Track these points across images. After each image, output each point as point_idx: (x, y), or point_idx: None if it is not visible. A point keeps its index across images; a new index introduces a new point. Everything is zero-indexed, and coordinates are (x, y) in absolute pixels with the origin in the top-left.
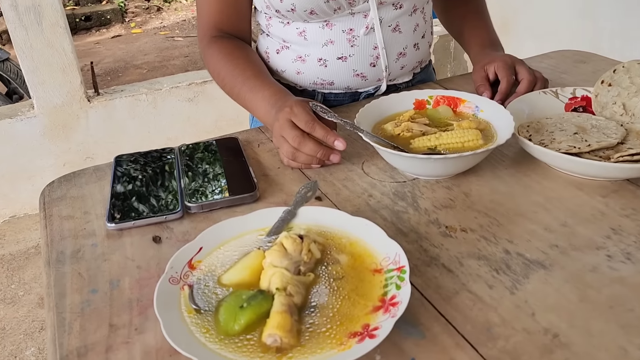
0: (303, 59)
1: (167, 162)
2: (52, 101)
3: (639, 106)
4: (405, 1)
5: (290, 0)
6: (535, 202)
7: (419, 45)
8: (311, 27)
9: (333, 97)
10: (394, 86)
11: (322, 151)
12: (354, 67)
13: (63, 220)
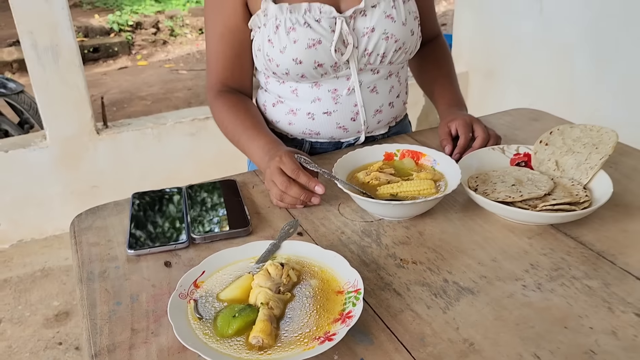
0: (294, 112)
1: (176, 200)
2: (63, 133)
3: (568, 163)
4: (381, 67)
5: (285, 66)
6: (475, 241)
7: (393, 103)
8: (302, 87)
9: (319, 145)
10: (372, 137)
11: (305, 194)
12: (337, 121)
13: (91, 246)
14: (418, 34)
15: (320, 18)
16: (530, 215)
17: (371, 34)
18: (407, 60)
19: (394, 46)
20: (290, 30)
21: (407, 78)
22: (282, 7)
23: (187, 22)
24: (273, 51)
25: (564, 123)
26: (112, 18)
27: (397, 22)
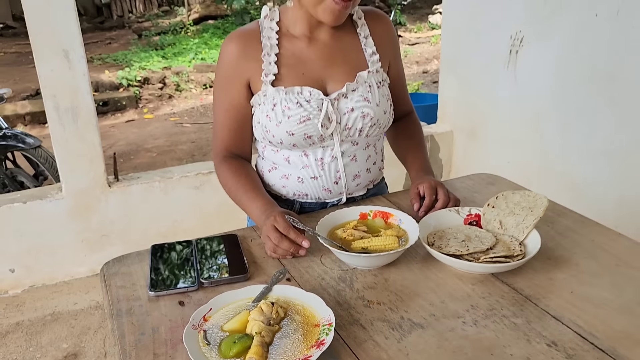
0: (287, 177)
1: (187, 251)
2: (78, 186)
3: (509, 223)
4: (360, 140)
5: (280, 137)
6: (429, 287)
7: (370, 169)
8: (293, 155)
9: (307, 205)
10: (353, 198)
11: (294, 248)
12: (323, 184)
13: (118, 289)
14: (390, 113)
15: (310, 99)
16: (473, 266)
17: (351, 113)
18: (382, 133)
19: (370, 122)
20: (285, 108)
21: (383, 148)
22: (279, 89)
23: (192, 77)
24: (270, 124)
25: (516, 187)
26: (122, 74)
27: (372, 104)
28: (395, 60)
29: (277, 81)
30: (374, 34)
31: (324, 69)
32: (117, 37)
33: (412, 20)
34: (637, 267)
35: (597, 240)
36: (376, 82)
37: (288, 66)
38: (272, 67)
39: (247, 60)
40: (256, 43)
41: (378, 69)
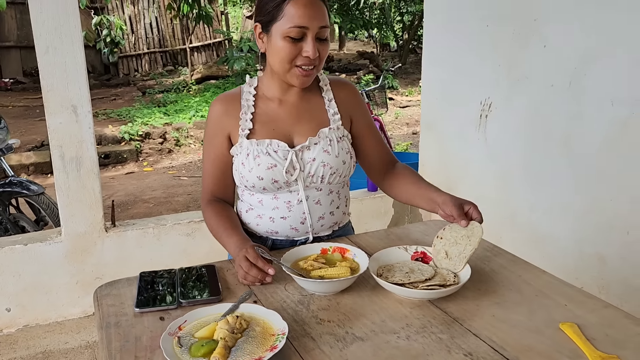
0: (260, 217)
1: (171, 276)
2: (77, 230)
3: (454, 252)
4: (323, 186)
5: (252, 181)
6: (373, 309)
7: (334, 212)
8: (266, 198)
9: (279, 242)
10: (319, 237)
11: (261, 275)
12: (291, 224)
13: (109, 306)
14: (350, 164)
15: (277, 150)
16: (411, 292)
17: (313, 162)
18: (345, 182)
19: (330, 171)
20: (256, 157)
21: (348, 195)
22: (252, 141)
23: (191, 133)
24: (244, 170)
25: None
26: (124, 129)
27: (331, 155)
28: (362, 119)
29: (252, 135)
30: (337, 98)
31: (292, 126)
32: (122, 93)
33: (404, 84)
34: (552, 298)
35: (523, 276)
36: (336, 137)
37: (261, 123)
38: (248, 123)
39: (229, 118)
40: (237, 104)
41: (339, 126)
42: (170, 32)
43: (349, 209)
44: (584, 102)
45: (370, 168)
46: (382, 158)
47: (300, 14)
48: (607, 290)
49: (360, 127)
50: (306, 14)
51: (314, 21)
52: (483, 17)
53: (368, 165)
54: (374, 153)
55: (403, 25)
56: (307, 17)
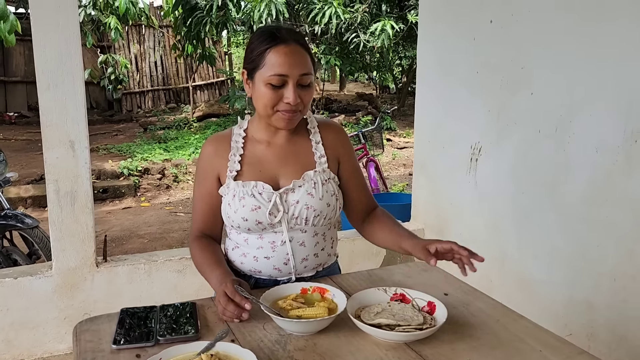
0: (245, 255)
1: (152, 314)
2: (68, 264)
3: None
4: (307, 228)
5: (237, 222)
6: (350, 351)
7: (318, 254)
8: (251, 238)
9: (262, 281)
10: (302, 278)
11: (237, 311)
12: (274, 264)
13: (86, 342)
14: (335, 207)
15: (262, 192)
16: (386, 334)
17: (296, 205)
18: (331, 224)
19: (314, 213)
20: (241, 198)
21: (334, 237)
22: (238, 183)
23: (190, 170)
24: (230, 211)
25: (447, 276)
26: (124, 164)
27: (315, 198)
28: (348, 162)
29: (239, 176)
30: (324, 140)
31: (278, 168)
32: (124, 129)
33: (402, 126)
34: (528, 343)
35: (501, 321)
36: (321, 180)
37: (249, 164)
38: (236, 164)
39: (218, 159)
40: (227, 145)
41: (325, 169)
42: (174, 71)
43: (336, 250)
44: (569, 149)
45: (351, 212)
46: (364, 203)
47: (280, 62)
48: (595, 338)
49: (345, 170)
50: (286, 62)
51: (294, 69)
52: (473, 64)
53: (350, 209)
54: (356, 198)
55: (402, 68)
56: (287, 66)
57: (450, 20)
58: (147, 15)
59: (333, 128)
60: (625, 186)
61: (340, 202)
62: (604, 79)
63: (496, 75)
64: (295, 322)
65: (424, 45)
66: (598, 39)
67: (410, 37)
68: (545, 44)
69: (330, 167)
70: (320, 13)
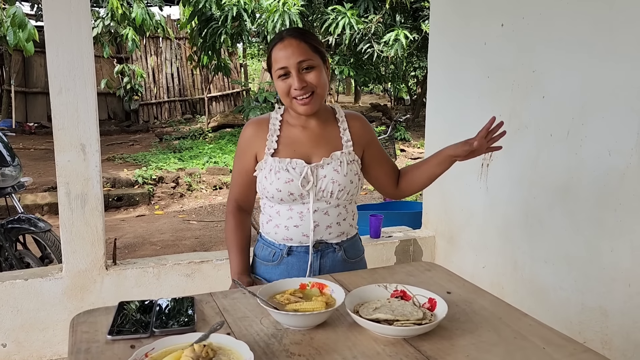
0: (278, 226)
1: (148, 307)
2: (78, 267)
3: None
4: (332, 201)
5: (272, 193)
6: (347, 345)
7: (340, 223)
8: (282, 210)
9: (294, 248)
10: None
11: None
12: (302, 231)
13: (83, 333)
14: (357, 184)
15: (295, 167)
16: (384, 329)
17: (324, 179)
18: (352, 199)
19: (338, 188)
20: (277, 172)
21: (354, 210)
22: (275, 159)
23: (203, 179)
24: (266, 183)
25: (451, 275)
26: (139, 172)
27: (340, 174)
28: (374, 148)
29: (276, 153)
30: (351, 128)
31: (310, 148)
32: (140, 139)
33: (416, 136)
34: (531, 341)
35: (504, 318)
36: (347, 160)
37: (284, 144)
38: (274, 144)
39: (257, 139)
40: (265, 127)
41: (350, 151)
42: (190, 82)
43: (356, 223)
44: (582, 152)
45: (385, 184)
46: (394, 173)
47: (279, 56)
48: (610, 346)
49: (373, 155)
50: (283, 55)
51: (290, 59)
52: (484, 68)
53: (383, 185)
54: (388, 171)
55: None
56: (285, 58)
57: (461, 25)
58: (164, 27)
59: (359, 119)
60: (639, 189)
61: (361, 181)
62: (616, 82)
63: (507, 79)
64: (292, 315)
65: (435, 51)
66: (610, 42)
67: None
68: (556, 47)
69: (355, 151)
70: (333, 23)
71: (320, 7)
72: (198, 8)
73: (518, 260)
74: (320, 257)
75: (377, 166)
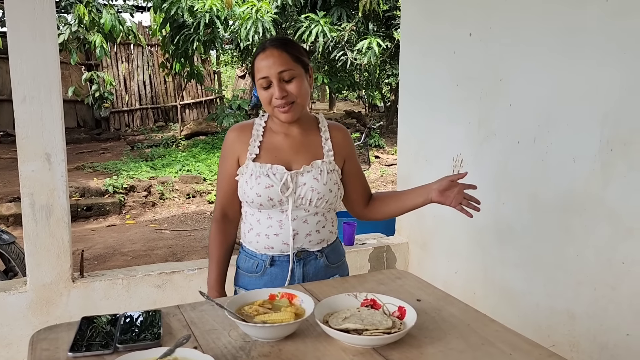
0: (259, 235)
1: (112, 322)
2: (43, 280)
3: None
4: (311, 209)
5: (252, 198)
6: (316, 356)
7: (320, 231)
8: (262, 218)
9: (277, 258)
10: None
11: None
12: (283, 239)
13: (42, 351)
14: (336, 194)
15: (276, 172)
16: (353, 338)
17: (304, 186)
18: (332, 207)
19: (317, 196)
20: (257, 177)
21: (334, 218)
22: (256, 164)
23: (176, 187)
24: (247, 187)
25: (421, 282)
26: (109, 181)
27: (320, 182)
28: (353, 161)
29: (257, 158)
30: (333, 138)
31: (291, 155)
32: (111, 147)
33: (390, 143)
34: (498, 347)
35: (472, 325)
36: (327, 169)
37: (266, 150)
38: (255, 149)
39: (240, 143)
40: (248, 132)
41: (331, 161)
42: (163, 90)
43: (336, 229)
44: (548, 159)
45: (355, 202)
46: (367, 192)
47: (262, 66)
48: (578, 348)
49: (350, 169)
50: (265, 65)
51: (271, 69)
52: (453, 76)
53: (354, 199)
54: (360, 188)
55: (390, 87)
56: (266, 68)
57: (430, 35)
58: (135, 33)
59: (342, 130)
60: (602, 195)
61: (341, 191)
62: (579, 90)
63: (476, 87)
64: (259, 327)
65: (406, 59)
66: (572, 52)
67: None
68: (522, 56)
69: (336, 161)
70: (307, 31)
71: (293, 15)
72: (170, 15)
73: (489, 266)
74: (303, 265)
75: (351, 182)
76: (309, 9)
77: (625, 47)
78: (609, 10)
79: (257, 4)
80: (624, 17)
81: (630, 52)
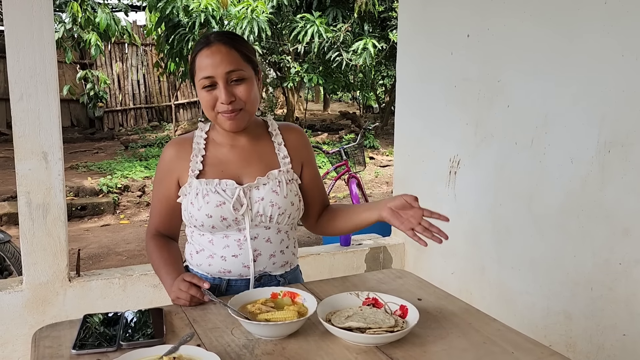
0: (212, 256)
1: (115, 319)
2: (39, 279)
3: None
4: (272, 226)
5: (201, 220)
6: (319, 354)
7: (284, 252)
8: (216, 238)
9: (233, 283)
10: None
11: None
12: (242, 262)
13: (45, 348)
14: (298, 207)
15: (225, 188)
16: (356, 337)
17: (261, 202)
18: (293, 224)
19: (278, 211)
20: (205, 195)
21: (296, 238)
22: (201, 181)
23: None
24: (193, 209)
25: (421, 282)
26: (103, 181)
27: (280, 195)
28: (311, 165)
29: (201, 175)
30: (287, 142)
31: (241, 168)
32: (105, 147)
33: (385, 144)
34: (500, 345)
35: (473, 324)
36: (286, 180)
37: (211, 164)
38: (198, 165)
39: (180, 161)
40: (188, 147)
41: (289, 169)
42: (157, 89)
43: (297, 253)
44: (545, 160)
45: (310, 213)
46: (323, 203)
47: (205, 64)
48: (574, 349)
49: (309, 173)
50: (210, 63)
51: (218, 69)
52: (451, 78)
53: (310, 210)
54: (317, 199)
55: (385, 88)
56: (212, 67)
57: (428, 36)
58: (130, 33)
59: (295, 130)
60: (600, 196)
61: (302, 203)
62: (577, 92)
63: (473, 88)
64: (263, 325)
65: (403, 61)
66: (570, 53)
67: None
68: (520, 57)
69: (294, 167)
70: (302, 32)
71: (289, 15)
72: (165, 14)
73: (486, 266)
74: None
75: (310, 191)
76: (305, 9)
77: (622, 49)
78: (606, 12)
79: (253, 3)
80: (622, 19)
81: (627, 54)
